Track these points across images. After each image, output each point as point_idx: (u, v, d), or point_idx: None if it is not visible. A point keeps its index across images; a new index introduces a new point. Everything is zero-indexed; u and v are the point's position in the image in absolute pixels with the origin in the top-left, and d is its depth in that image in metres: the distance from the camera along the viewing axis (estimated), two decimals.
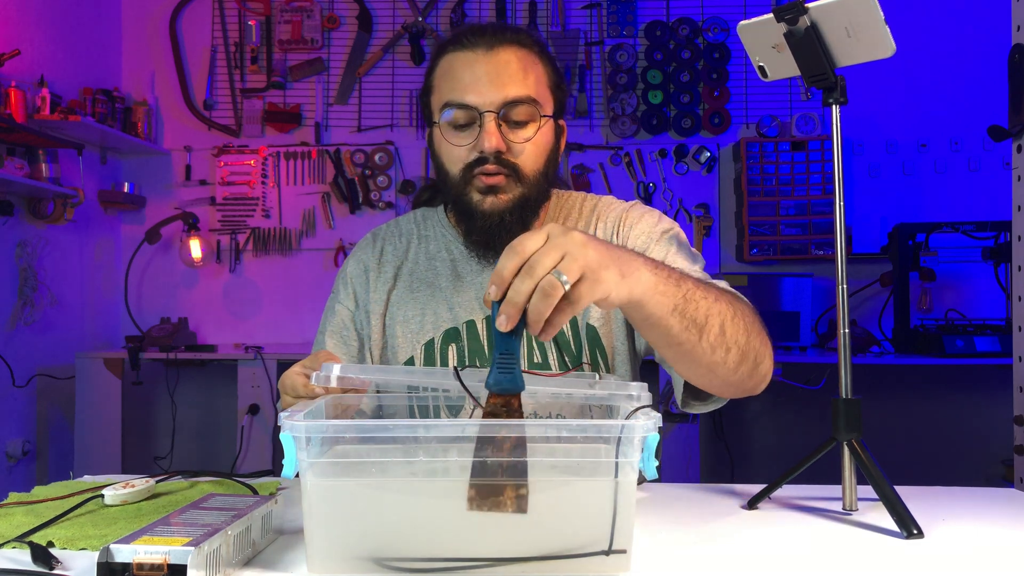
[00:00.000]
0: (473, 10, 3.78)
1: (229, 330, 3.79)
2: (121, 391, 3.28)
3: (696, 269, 1.17)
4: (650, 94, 3.72)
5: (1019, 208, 1.70)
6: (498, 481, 0.74)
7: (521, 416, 0.78)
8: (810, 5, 0.98)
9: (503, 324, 0.76)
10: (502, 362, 0.77)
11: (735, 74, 3.71)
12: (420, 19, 3.76)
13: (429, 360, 1.25)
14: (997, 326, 3.13)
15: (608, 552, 0.75)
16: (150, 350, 3.32)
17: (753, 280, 3.30)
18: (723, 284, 1.12)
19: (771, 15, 1.01)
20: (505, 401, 0.77)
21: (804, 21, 0.99)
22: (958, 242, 3.29)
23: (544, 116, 1.19)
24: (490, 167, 1.16)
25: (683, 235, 1.25)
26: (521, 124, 1.18)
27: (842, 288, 1.02)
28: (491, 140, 1.15)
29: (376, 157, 3.76)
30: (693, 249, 1.24)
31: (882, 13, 0.96)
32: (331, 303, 1.34)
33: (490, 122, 1.15)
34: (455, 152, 1.19)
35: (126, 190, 3.66)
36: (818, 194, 3.56)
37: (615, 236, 1.25)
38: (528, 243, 0.78)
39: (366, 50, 3.79)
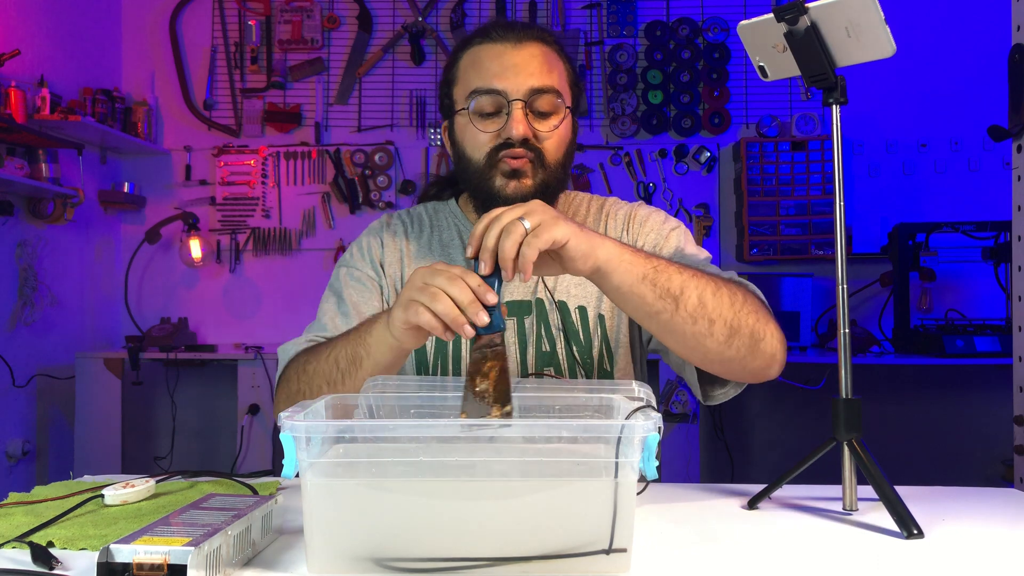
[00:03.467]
0: (473, 10, 3.78)
1: (229, 330, 3.79)
2: (121, 391, 3.28)
3: (702, 261, 1.22)
4: (650, 94, 3.72)
5: (1019, 208, 1.70)
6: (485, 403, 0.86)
7: (504, 351, 0.89)
8: (810, 5, 0.98)
9: (483, 268, 0.90)
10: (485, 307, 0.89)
11: (735, 74, 3.71)
12: (420, 19, 3.76)
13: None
14: (997, 326, 3.13)
15: (608, 551, 0.76)
16: (150, 350, 3.32)
17: (753, 280, 3.24)
18: (728, 275, 1.15)
19: (771, 15, 1.01)
20: (489, 340, 0.89)
21: (804, 21, 0.99)
22: (958, 242, 3.29)
23: (567, 108, 1.23)
24: (517, 150, 1.18)
25: (689, 233, 1.30)
26: (546, 115, 1.21)
27: (842, 288, 1.02)
28: (519, 127, 1.17)
29: (376, 157, 3.75)
30: (699, 246, 1.29)
31: (882, 13, 0.96)
32: (337, 274, 1.33)
33: (518, 109, 1.18)
34: (480, 139, 1.21)
35: (126, 190, 3.66)
36: (818, 194, 3.56)
37: (625, 233, 1.30)
38: (496, 209, 0.92)
39: (366, 50, 3.79)
